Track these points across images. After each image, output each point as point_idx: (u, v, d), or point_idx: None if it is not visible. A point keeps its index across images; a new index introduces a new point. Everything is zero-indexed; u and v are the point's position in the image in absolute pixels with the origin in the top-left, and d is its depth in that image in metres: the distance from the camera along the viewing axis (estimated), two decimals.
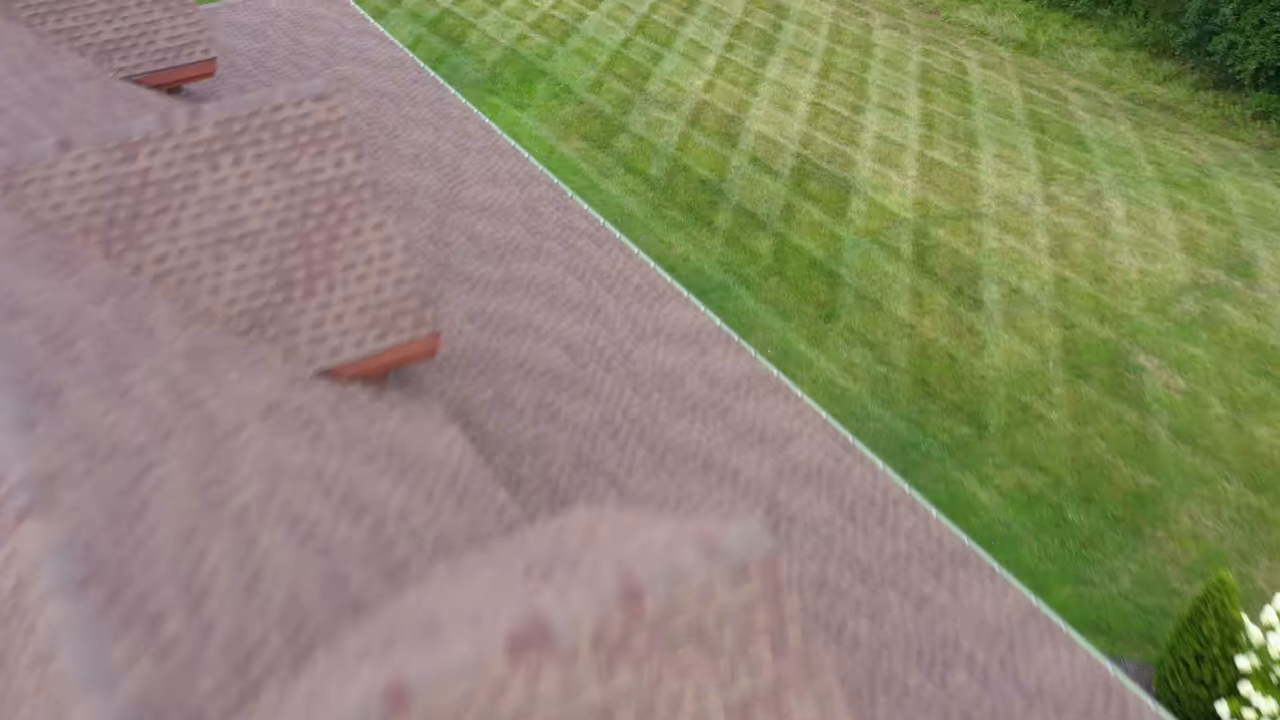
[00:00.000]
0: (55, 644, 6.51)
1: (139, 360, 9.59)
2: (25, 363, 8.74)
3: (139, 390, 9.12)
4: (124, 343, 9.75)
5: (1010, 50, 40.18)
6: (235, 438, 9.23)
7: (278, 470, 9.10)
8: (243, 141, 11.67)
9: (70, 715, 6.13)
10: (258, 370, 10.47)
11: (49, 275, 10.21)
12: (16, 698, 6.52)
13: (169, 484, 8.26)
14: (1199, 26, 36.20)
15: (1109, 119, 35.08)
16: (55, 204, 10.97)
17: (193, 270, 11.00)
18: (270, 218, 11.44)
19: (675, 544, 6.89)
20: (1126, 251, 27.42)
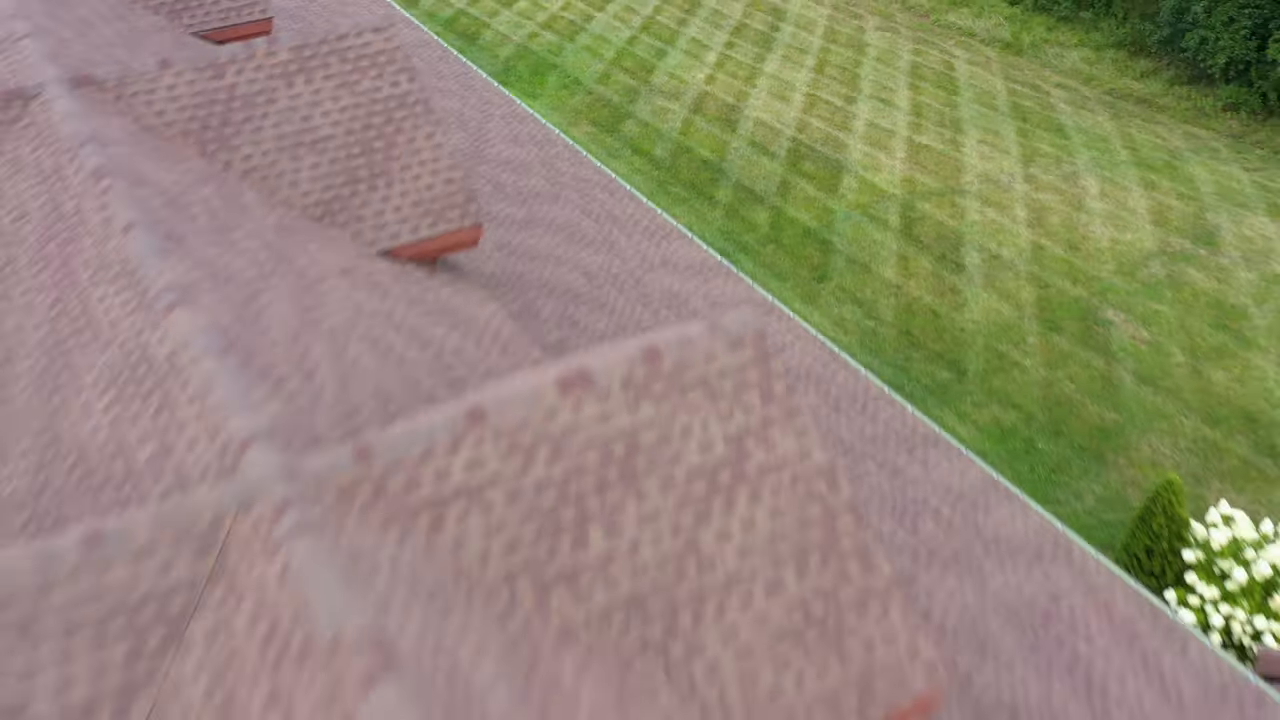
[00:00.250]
0: (209, 386, 8.49)
1: (239, 225, 11.60)
2: (154, 215, 10.73)
3: (243, 244, 11.14)
4: (226, 214, 11.77)
5: (996, 50, 42.31)
6: (321, 285, 11.22)
7: (357, 309, 11.08)
8: (313, 64, 13.71)
9: (226, 426, 8.10)
10: (332, 245, 12.47)
11: (160, 163, 12.23)
12: (180, 423, 8.49)
13: (275, 305, 10.25)
14: (1172, 25, 38.37)
15: (1088, 110, 37.17)
16: (159, 111, 12.99)
17: (274, 167, 13.01)
18: (338, 127, 13.45)
19: (687, 325, 8.88)
20: (1099, 223, 29.44)
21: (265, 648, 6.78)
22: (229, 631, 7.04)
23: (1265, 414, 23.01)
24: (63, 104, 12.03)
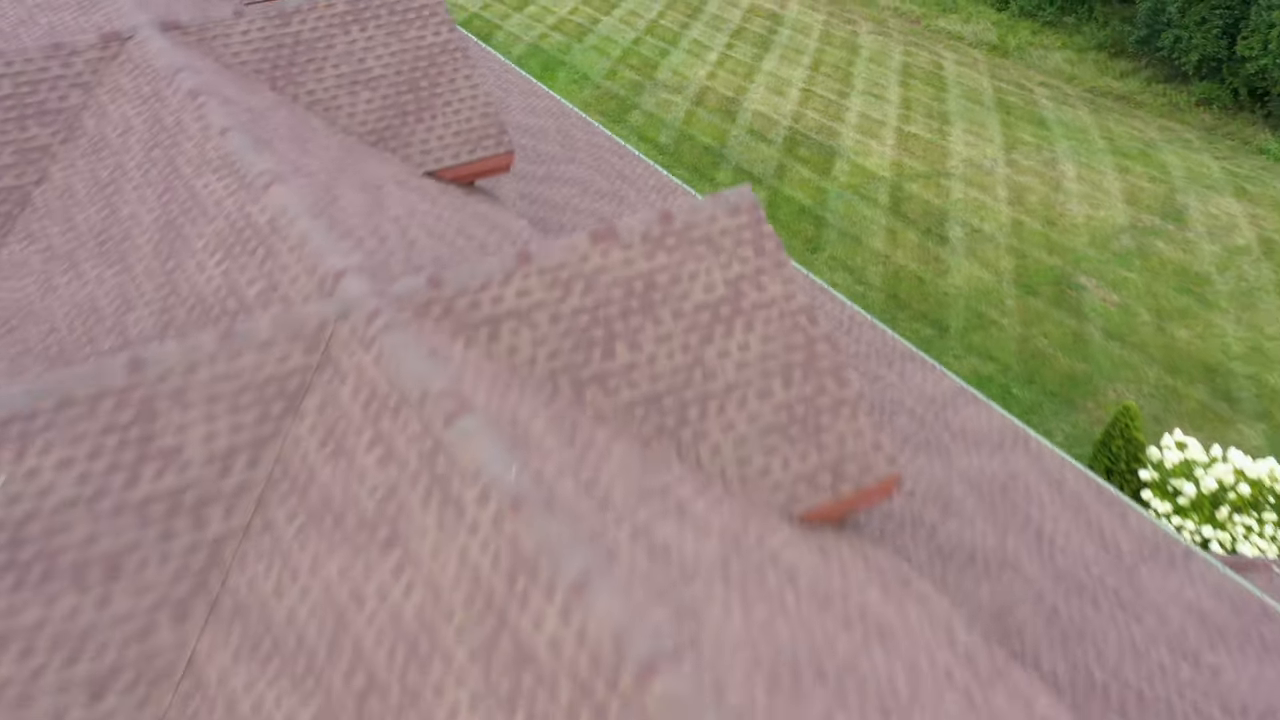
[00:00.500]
0: (305, 238, 10.47)
1: (310, 140, 13.62)
2: (244, 123, 12.75)
3: (315, 152, 13.16)
4: (299, 131, 13.79)
5: (984, 52, 44.48)
6: (381, 188, 13.23)
7: (413, 207, 13.09)
8: (366, 15, 15.77)
9: (322, 264, 10.07)
10: (386, 163, 14.48)
11: (240, 91, 14.26)
12: (283, 266, 10.47)
13: (347, 194, 12.26)
14: (1149, 25, 40.54)
15: (1069, 106, 39.29)
16: (235, 52, 15.04)
17: (334, 101, 15.05)
18: (388, 68, 15.49)
19: (695, 199, 10.89)
20: (1075, 202, 31.49)
21: (367, 407, 8.77)
22: (336, 401, 9.02)
23: (1223, 365, 24.98)
24: (155, 43, 14.06)
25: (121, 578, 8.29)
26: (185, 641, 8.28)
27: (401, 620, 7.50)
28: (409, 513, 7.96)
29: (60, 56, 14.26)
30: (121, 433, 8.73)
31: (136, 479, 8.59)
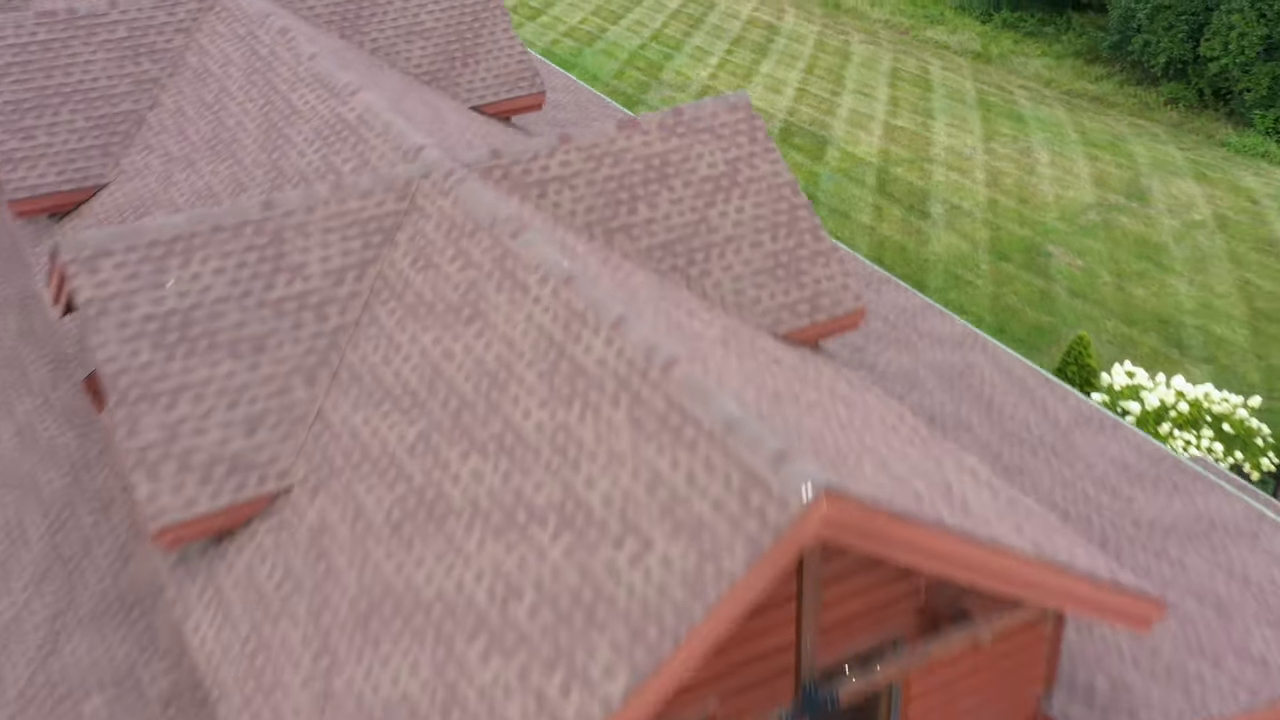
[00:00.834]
0: (390, 126, 13.16)
1: (381, 71, 16.34)
2: (328, 51, 15.45)
3: (385, 79, 15.87)
4: (368, 64, 16.50)
5: (968, 59, 47.38)
6: (440, 110, 15.91)
7: (467, 123, 15.77)
8: None
9: (405, 142, 12.75)
10: (440, 97, 17.20)
11: (317, 33, 16.98)
12: (372, 146, 13.15)
13: (416, 107, 14.95)
14: (1120, 31, 43.45)
15: (1046, 105, 42.15)
16: (310, 6, 17.77)
17: (394, 47, 17.78)
18: (439, 21, 18.23)
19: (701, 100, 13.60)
20: (1047, 183, 34.24)
21: (448, 234, 11.43)
22: (422, 233, 11.68)
23: (1175, 318, 27.65)
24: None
25: (265, 351, 10.94)
26: (315, 398, 10.92)
27: (484, 363, 10.13)
28: (486, 296, 10.60)
29: (166, 6, 17.01)
30: (260, 251, 11.40)
31: (272, 285, 11.25)
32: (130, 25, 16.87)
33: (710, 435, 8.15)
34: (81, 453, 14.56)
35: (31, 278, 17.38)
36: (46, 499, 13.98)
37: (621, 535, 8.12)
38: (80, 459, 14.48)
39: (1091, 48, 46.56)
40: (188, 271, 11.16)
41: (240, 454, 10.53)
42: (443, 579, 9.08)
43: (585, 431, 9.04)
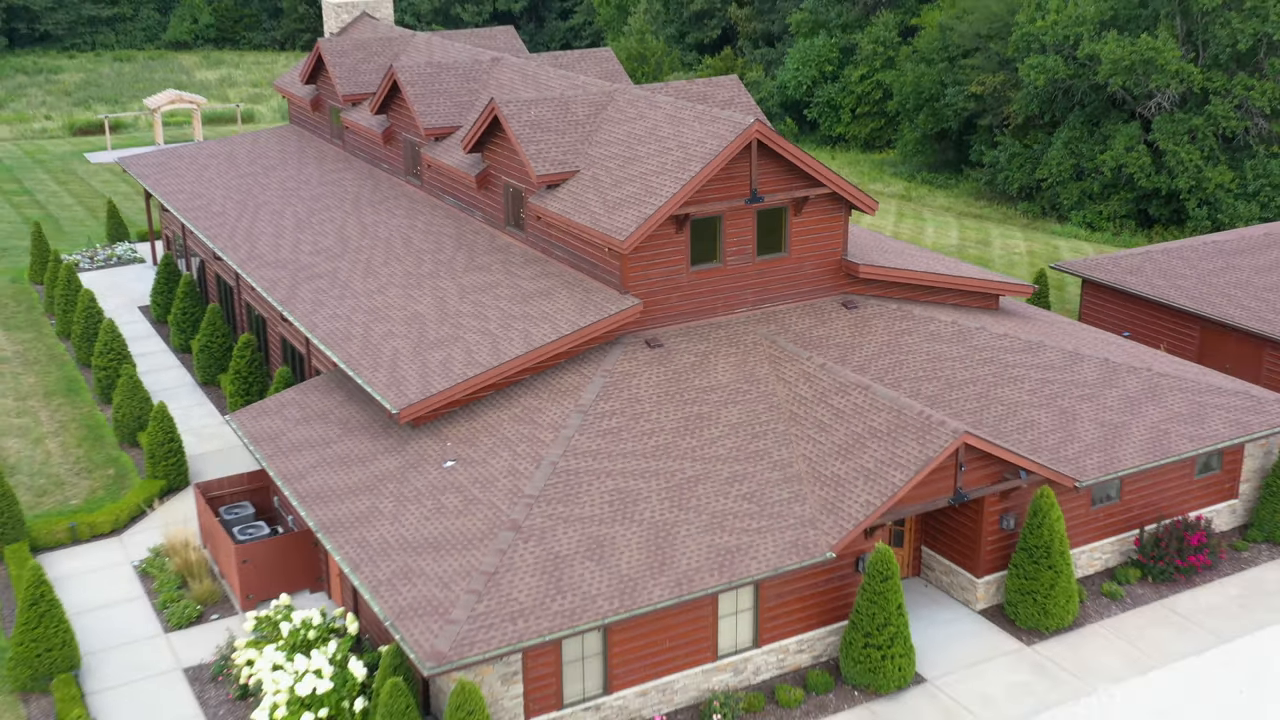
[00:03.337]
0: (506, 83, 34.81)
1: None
2: (530, 75, 37.27)
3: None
4: None
5: (895, 199, 69.67)
6: (491, 71, 37.54)
7: (519, 77, 37.34)
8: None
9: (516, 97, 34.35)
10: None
11: (523, 78, 38.95)
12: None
13: (494, 85, 36.62)
14: (991, 174, 65.91)
15: (942, 216, 64.09)
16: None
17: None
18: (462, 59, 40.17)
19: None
20: (929, 238, 55.69)
21: (637, 150, 32.97)
22: (625, 123, 33.21)
23: None
24: (508, 62, 39.05)
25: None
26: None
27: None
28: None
29: (474, 64, 39.15)
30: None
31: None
32: (463, 69, 38.96)
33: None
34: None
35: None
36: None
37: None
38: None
39: (976, 189, 69.03)
40: None
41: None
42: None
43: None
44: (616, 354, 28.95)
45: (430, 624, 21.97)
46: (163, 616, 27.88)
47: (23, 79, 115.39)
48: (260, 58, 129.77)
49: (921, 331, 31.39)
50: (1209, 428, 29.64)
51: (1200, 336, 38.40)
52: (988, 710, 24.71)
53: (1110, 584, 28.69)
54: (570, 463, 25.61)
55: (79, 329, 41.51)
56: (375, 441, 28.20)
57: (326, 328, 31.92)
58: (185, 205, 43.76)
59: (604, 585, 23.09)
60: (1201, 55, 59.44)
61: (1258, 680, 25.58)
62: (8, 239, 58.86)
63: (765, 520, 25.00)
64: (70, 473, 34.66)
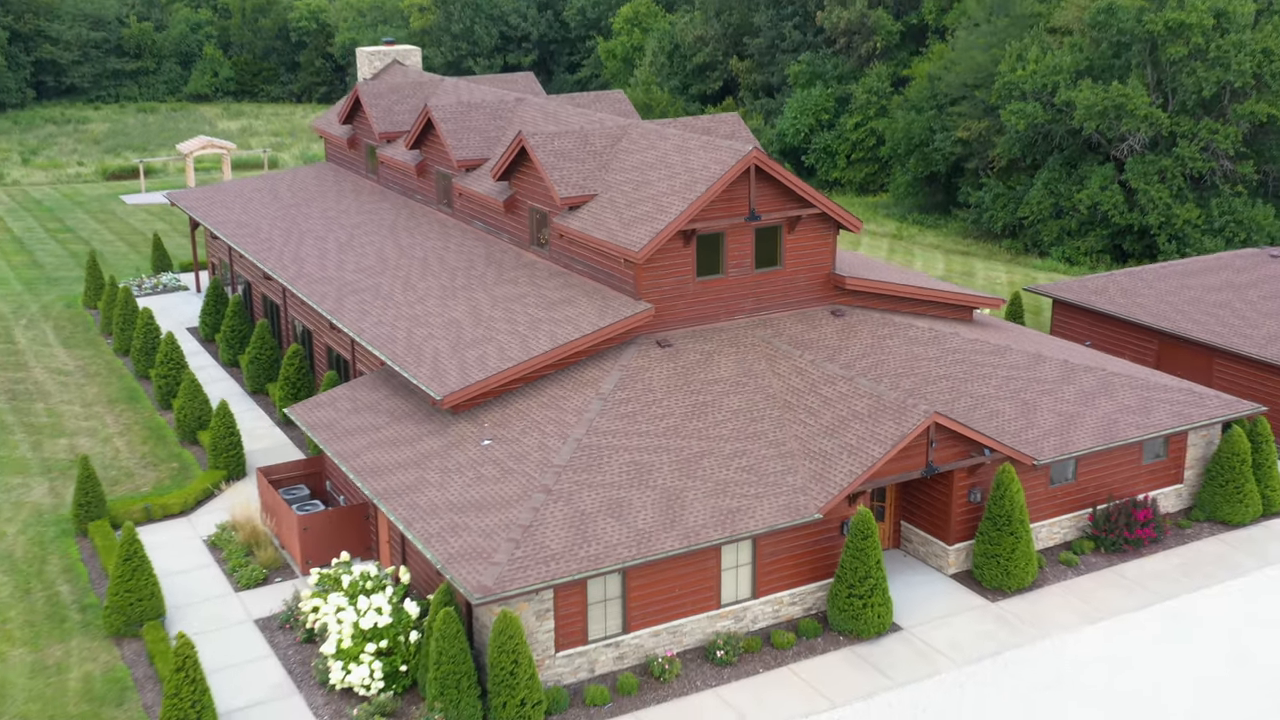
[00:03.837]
0: (527, 118, 39.13)
1: None
2: (552, 112, 41.61)
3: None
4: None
5: (887, 238, 73.92)
6: (516, 109, 41.82)
7: (541, 115, 41.61)
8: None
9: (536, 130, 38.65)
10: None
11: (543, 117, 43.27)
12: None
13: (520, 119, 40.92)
14: (977, 214, 70.20)
15: (930, 254, 68.28)
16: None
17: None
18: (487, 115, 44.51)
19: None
20: (917, 269, 59.81)
21: (649, 176, 37.29)
22: (638, 152, 37.50)
23: None
24: (531, 102, 43.45)
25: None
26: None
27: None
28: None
29: (500, 103, 43.51)
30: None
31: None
32: (490, 108, 43.30)
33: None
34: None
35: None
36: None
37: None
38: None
39: (963, 228, 73.34)
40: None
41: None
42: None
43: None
44: (631, 352, 32.92)
45: (476, 566, 25.81)
46: (233, 579, 31.69)
47: (52, 128, 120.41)
48: (278, 109, 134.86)
49: (901, 336, 35.37)
50: (1154, 418, 33.56)
51: (1158, 348, 42.39)
52: (955, 652, 28.44)
53: (1067, 554, 32.47)
54: (593, 440, 29.52)
55: (138, 343, 45.55)
56: (419, 426, 32.13)
57: (373, 332, 35.95)
58: (234, 233, 47.96)
59: (623, 537, 26.94)
60: (1170, 101, 63.89)
61: (1190, 629, 29.31)
62: (56, 270, 63.08)
63: (762, 488, 28.88)
64: (138, 466, 38.56)
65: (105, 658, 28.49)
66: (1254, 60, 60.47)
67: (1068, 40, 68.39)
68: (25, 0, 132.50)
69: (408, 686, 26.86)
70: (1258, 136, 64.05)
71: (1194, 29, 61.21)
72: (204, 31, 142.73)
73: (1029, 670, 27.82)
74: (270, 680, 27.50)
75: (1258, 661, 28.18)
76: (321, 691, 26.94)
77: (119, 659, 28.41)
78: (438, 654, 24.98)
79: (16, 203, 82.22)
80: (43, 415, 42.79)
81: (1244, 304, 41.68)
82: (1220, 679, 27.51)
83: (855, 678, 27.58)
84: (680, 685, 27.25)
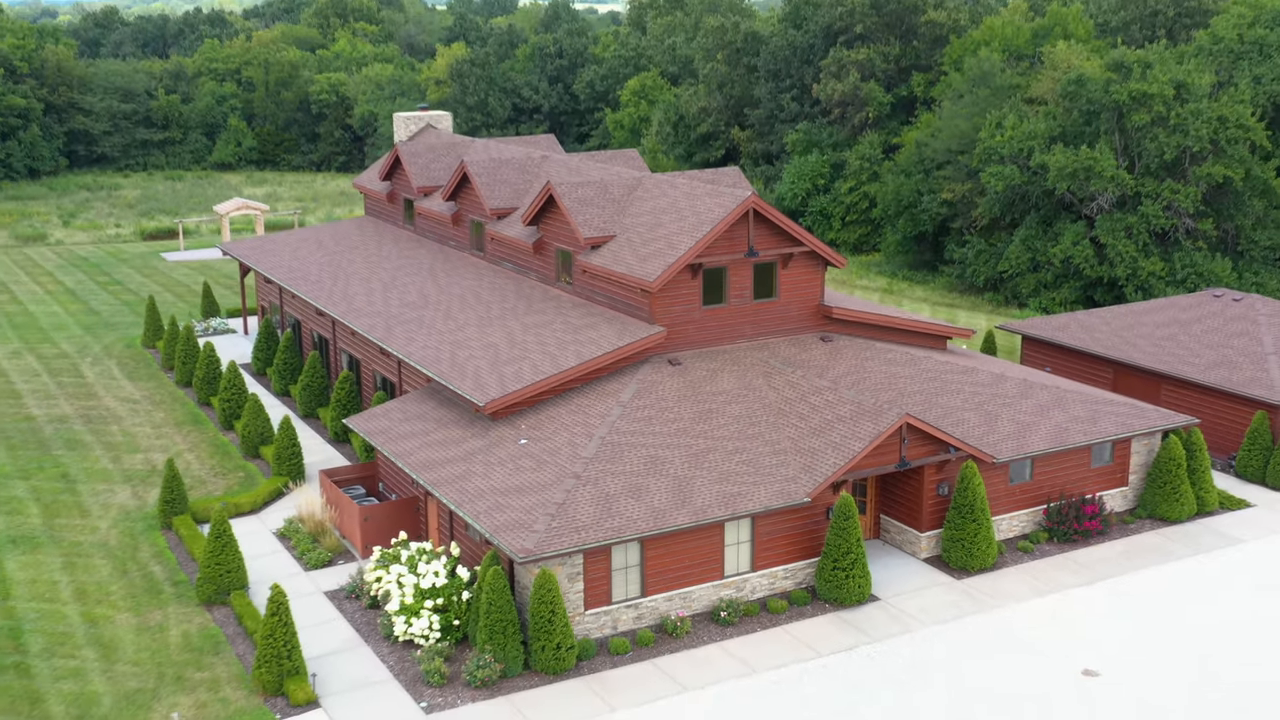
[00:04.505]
0: (554, 170, 44.73)
1: None
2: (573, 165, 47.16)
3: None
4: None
5: (878, 292, 79.34)
6: (541, 165, 47.38)
7: (564, 169, 47.13)
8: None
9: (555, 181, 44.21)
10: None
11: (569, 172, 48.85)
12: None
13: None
14: (960, 269, 75.76)
15: (918, 306, 73.60)
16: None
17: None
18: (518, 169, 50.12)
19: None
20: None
21: (661, 219, 42.85)
22: (651, 200, 43.06)
23: None
24: (556, 158, 49.11)
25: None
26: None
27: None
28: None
29: (527, 159, 49.15)
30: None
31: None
32: (519, 163, 48.93)
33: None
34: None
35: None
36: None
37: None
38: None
39: (949, 283, 78.90)
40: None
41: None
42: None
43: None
44: (646, 369, 38.10)
45: (518, 534, 30.81)
46: (302, 561, 36.62)
47: (86, 194, 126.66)
48: (299, 177, 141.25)
49: (881, 358, 40.58)
50: (1100, 426, 38.67)
51: (1113, 375, 47.57)
52: (925, 615, 33.31)
53: (1024, 542, 37.41)
54: (614, 438, 34.61)
55: (200, 373, 50.79)
56: (463, 430, 37.25)
57: (420, 354, 41.19)
58: (286, 276, 53.42)
59: (641, 513, 31.96)
60: (1135, 164, 69.66)
61: (1128, 600, 34.17)
62: (112, 317, 68.53)
63: (759, 477, 33.93)
64: (208, 475, 43.62)
65: (199, 620, 33.37)
66: (1210, 127, 66.23)
67: (1042, 109, 74.35)
68: (60, 74, 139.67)
69: (459, 639, 31.74)
70: (1216, 196, 69.67)
71: (1156, 99, 67.05)
72: (229, 104, 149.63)
73: (987, 629, 32.67)
74: (341, 636, 32.38)
75: (1186, 623, 33.02)
76: (386, 643, 31.81)
77: (211, 621, 33.29)
78: (488, 605, 29.89)
79: (64, 260, 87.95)
80: (118, 435, 47.92)
81: (1188, 337, 46.93)
82: (1152, 636, 32.33)
83: (839, 635, 32.44)
84: (690, 640, 32.12)
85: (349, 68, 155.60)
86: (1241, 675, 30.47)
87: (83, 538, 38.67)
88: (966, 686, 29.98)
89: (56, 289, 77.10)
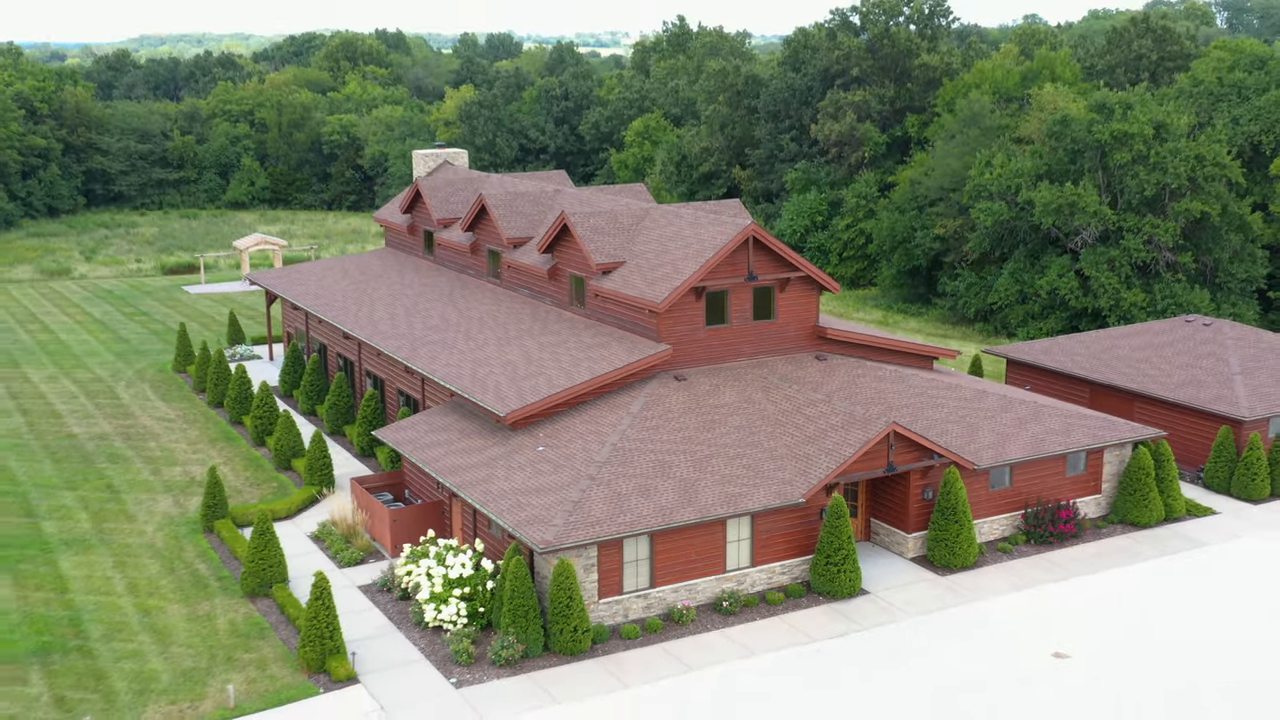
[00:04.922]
0: (565, 200, 48.08)
1: None
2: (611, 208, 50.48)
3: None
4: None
5: (874, 324, 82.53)
6: (555, 197, 50.69)
7: (576, 201, 50.47)
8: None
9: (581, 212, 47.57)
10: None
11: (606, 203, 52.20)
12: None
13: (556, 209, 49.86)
14: (953, 301, 79.02)
15: (912, 337, 76.81)
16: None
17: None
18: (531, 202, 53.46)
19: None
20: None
21: (668, 246, 46.20)
22: (658, 229, 46.41)
23: None
24: (569, 191, 52.50)
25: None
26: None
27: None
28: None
29: (541, 192, 52.52)
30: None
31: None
32: (533, 196, 52.31)
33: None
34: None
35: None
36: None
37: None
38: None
39: (942, 315, 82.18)
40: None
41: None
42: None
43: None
44: (653, 384, 41.26)
45: (539, 528, 33.86)
46: (336, 560, 39.64)
47: (104, 232, 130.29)
48: (311, 215, 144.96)
49: (871, 375, 43.74)
50: (1074, 437, 41.77)
51: (1090, 394, 50.70)
52: (911, 607, 36.29)
53: (1004, 544, 40.42)
54: (625, 444, 37.71)
55: (233, 393, 53.94)
56: (485, 439, 40.35)
57: (443, 371, 44.36)
58: (313, 303, 56.70)
59: (650, 510, 35.01)
60: (1118, 200, 73.10)
61: (1097, 596, 37.14)
62: (141, 345, 71.80)
63: (758, 480, 37.00)
64: (244, 485, 46.69)
65: (244, 610, 36.36)
66: (1189, 165, 69.73)
67: (1029, 148, 77.94)
68: (78, 115, 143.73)
69: (484, 625, 34.72)
70: (1194, 230, 73.07)
71: (1137, 138, 70.59)
72: (242, 145, 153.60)
73: (968, 619, 35.64)
74: (375, 623, 35.37)
75: (1149, 614, 35.98)
76: (417, 629, 34.80)
77: (255, 611, 36.28)
78: (511, 591, 32.91)
79: (89, 293, 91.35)
80: (156, 450, 51.03)
81: (1160, 359, 50.11)
82: (1118, 624, 35.29)
83: (831, 624, 35.42)
84: (694, 627, 35.11)
85: (359, 109, 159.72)
86: (1197, 656, 33.42)
87: (131, 540, 41.70)
88: (947, 666, 32.92)
89: (85, 319, 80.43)
